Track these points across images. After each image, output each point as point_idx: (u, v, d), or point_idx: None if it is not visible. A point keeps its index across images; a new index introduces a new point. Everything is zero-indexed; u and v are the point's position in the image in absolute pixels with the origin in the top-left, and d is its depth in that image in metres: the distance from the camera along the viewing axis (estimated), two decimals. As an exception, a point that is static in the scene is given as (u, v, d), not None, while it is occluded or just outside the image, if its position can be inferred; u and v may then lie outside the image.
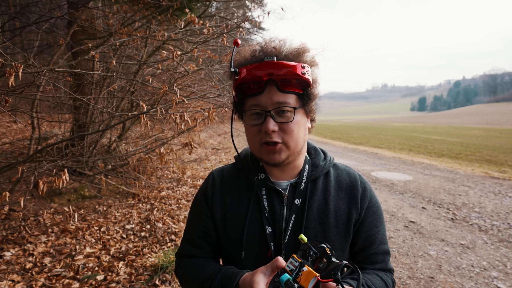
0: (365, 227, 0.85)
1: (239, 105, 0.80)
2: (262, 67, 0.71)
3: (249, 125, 0.77)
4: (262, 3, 11.30)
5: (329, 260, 0.63)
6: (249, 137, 0.79)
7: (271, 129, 0.72)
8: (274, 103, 0.73)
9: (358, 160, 8.93)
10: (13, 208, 3.27)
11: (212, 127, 13.41)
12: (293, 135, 0.75)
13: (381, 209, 0.90)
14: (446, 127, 37.56)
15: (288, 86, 0.73)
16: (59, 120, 4.31)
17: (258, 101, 0.74)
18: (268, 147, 0.75)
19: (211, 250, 0.90)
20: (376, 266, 0.86)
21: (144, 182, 4.68)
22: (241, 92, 0.77)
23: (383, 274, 0.85)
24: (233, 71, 0.73)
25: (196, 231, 0.90)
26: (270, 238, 0.80)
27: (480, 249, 3.24)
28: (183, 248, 0.93)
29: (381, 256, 0.87)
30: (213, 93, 3.47)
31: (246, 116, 0.77)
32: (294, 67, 0.70)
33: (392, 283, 0.86)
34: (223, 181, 0.90)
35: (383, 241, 0.87)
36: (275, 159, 0.76)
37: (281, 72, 0.70)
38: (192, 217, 0.93)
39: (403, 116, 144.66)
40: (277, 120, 0.73)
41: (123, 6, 4.00)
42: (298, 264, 0.63)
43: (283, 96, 0.73)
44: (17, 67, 1.58)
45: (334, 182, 0.87)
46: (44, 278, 2.34)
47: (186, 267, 0.88)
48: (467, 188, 5.67)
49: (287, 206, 0.83)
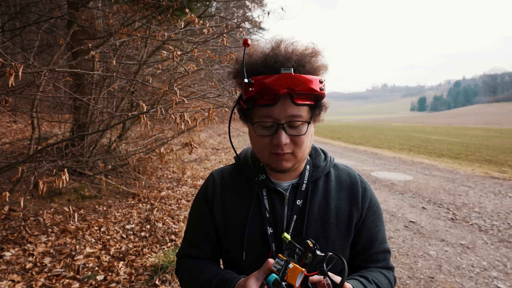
0: (366, 227, 0.85)
1: (247, 111, 0.77)
2: (279, 81, 0.67)
3: (258, 136, 0.75)
4: (262, 3, 11.30)
5: (313, 254, 0.64)
6: (258, 145, 0.77)
7: (284, 143, 0.71)
8: (288, 116, 0.71)
9: (358, 160, 8.93)
10: (13, 208, 3.27)
11: (212, 127, 13.41)
12: (303, 147, 0.75)
13: (381, 208, 0.91)
14: (446, 127, 37.57)
15: (303, 99, 0.71)
16: (59, 120, 4.31)
17: (271, 113, 0.71)
18: (277, 156, 0.74)
19: (211, 251, 0.90)
20: (378, 264, 0.87)
21: (144, 182, 4.68)
22: (252, 101, 0.73)
23: (385, 271, 0.87)
24: (248, 82, 0.68)
25: (197, 232, 0.90)
26: (271, 239, 0.80)
27: (480, 249, 3.24)
28: (184, 249, 0.93)
29: (382, 255, 0.88)
30: (213, 93, 3.47)
31: (256, 126, 0.75)
32: (312, 82, 0.68)
33: (394, 280, 0.88)
34: (223, 182, 0.90)
35: (383, 240, 0.88)
36: (282, 166, 0.75)
37: (299, 87, 0.67)
38: (192, 218, 0.93)
39: (403, 116, 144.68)
40: (289, 133, 0.72)
41: (123, 6, 4.00)
42: (283, 262, 0.63)
43: (297, 109, 0.71)
44: (17, 67, 1.58)
45: (335, 182, 0.87)
46: (44, 278, 2.34)
47: (185, 268, 0.88)
48: (467, 188, 5.67)
49: (288, 207, 0.83)
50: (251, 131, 0.77)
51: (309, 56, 0.72)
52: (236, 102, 0.81)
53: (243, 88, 0.72)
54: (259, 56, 0.73)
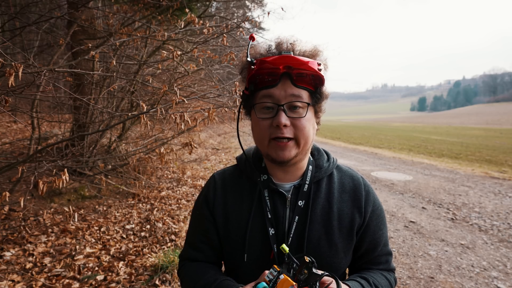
0: (370, 231, 0.85)
1: (249, 98, 0.79)
2: (279, 59, 0.71)
3: (259, 118, 0.75)
4: (262, 3, 11.31)
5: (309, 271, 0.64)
6: (258, 131, 0.77)
7: (283, 123, 0.71)
8: (288, 95, 0.72)
9: (358, 160, 8.92)
10: (13, 208, 3.27)
11: (212, 127, 13.42)
12: (304, 132, 0.74)
13: (384, 211, 0.91)
14: (446, 127, 37.57)
15: (302, 81, 0.73)
16: (59, 120, 4.31)
17: (271, 93, 0.73)
18: (278, 143, 0.74)
19: (212, 254, 0.90)
20: (379, 266, 0.88)
21: (144, 182, 4.68)
22: (254, 84, 0.76)
23: (386, 273, 0.87)
24: (250, 61, 0.72)
25: (198, 235, 0.90)
26: (273, 241, 0.80)
27: (480, 249, 3.23)
28: (186, 251, 0.93)
29: (384, 257, 0.88)
30: (213, 93, 3.47)
31: (257, 109, 0.76)
32: (310, 62, 0.71)
33: (394, 282, 0.88)
34: (225, 183, 0.89)
35: (386, 243, 0.89)
36: (284, 156, 0.74)
37: (298, 66, 0.71)
38: (194, 220, 0.93)
39: (403, 116, 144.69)
40: (289, 115, 0.73)
41: (123, 6, 4.00)
42: (276, 273, 0.64)
43: (297, 90, 0.73)
44: (17, 67, 1.58)
45: (338, 184, 0.86)
46: (44, 278, 2.34)
47: (186, 271, 0.89)
48: (467, 188, 5.67)
49: (290, 208, 0.82)
50: (253, 117, 0.79)
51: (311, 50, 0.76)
52: (241, 96, 0.82)
53: (246, 72, 0.76)
54: (263, 47, 0.78)
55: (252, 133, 0.81)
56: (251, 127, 0.81)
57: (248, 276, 0.80)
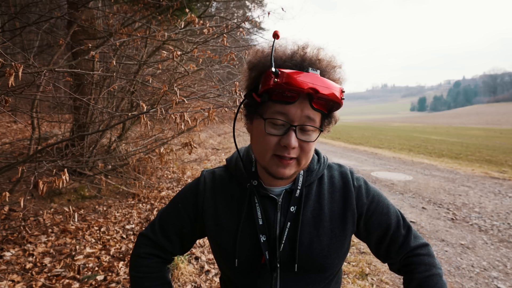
0: (375, 222, 0.83)
1: (258, 105, 0.73)
2: (306, 78, 0.65)
3: (267, 133, 0.71)
4: (262, 3, 11.32)
5: None
6: (262, 144, 0.72)
7: (293, 146, 0.68)
8: (303, 117, 0.69)
9: (358, 160, 8.92)
10: (13, 208, 3.27)
11: (212, 127, 13.42)
12: (309, 155, 0.73)
13: (381, 194, 0.87)
14: (446, 127, 37.57)
15: (320, 104, 0.70)
16: (59, 120, 4.31)
17: (286, 111, 0.68)
18: (281, 161, 0.71)
19: (179, 247, 0.89)
20: (404, 246, 0.83)
21: (144, 182, 4.68)
22: (268, 95, 0.69)
23: (424, 268, 0.81)
24: (274, 72, 0.65)
25: (173, 226, 0.87)
26: (264, 247, 0.78)
27: (480, 249, 3.23)
28: (154, 233, 0.88)
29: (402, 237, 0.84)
30: (213, 93, 3.47)
31: (267, 122, 0.71)
32: (336, 89, 0.67)
33: (432, 255, 0.84)
34: (215, 186, 0.87)
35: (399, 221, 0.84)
36: (284, 173, 0.72)
37: (323, 90, 0.66)
38: (173, 209, 0.89)
39: (403, 116, 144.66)
40: (299, 137, 0.70)
41: (123, 6, 4.00)
42: None
43: (313, 113, 0.69)
44: (17, 67, 1.58)
45: (328, 184, 0.85)
46: (44, 278, 2.34)
47: (138, 272, 0.87)
48: (467, 188, 5.67)
49: (281, 213, 0.80)
50: (258, 127, 0.73)
51: (335, 66, 0.73)
52: (245, 96, 0.77)
53: (264, 78, 0.69)
54: (285, 52, 0.72)
55: (253, 141, 0.78)
56: (253, 135, 0.77)
57: (240, 279, 0.80)
